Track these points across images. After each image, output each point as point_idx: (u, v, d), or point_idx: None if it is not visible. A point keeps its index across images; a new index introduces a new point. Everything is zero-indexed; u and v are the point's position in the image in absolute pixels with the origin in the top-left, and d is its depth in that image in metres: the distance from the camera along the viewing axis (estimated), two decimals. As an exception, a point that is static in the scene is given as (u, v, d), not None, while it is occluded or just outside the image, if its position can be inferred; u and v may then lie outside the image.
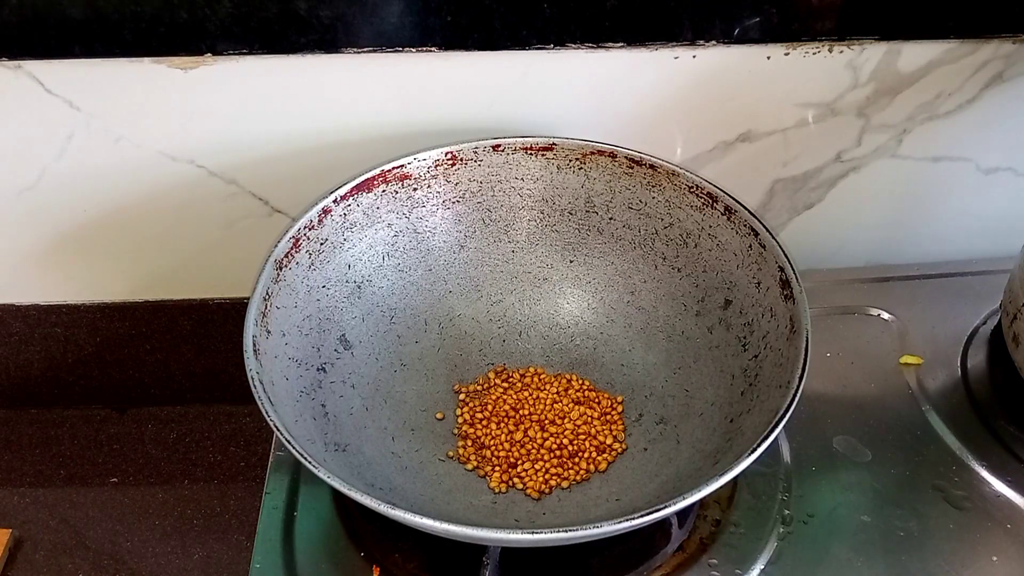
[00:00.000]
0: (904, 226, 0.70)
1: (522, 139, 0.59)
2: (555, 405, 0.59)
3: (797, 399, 0.45)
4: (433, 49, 0.57)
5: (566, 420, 0.58)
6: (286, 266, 0.53)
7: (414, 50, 0.56)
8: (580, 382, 0.60)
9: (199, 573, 0.63)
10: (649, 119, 0.62)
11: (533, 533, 0.43)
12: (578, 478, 0.55)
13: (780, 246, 0.52)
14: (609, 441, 0.57)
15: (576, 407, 0.58)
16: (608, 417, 0.58)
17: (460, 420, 0.58)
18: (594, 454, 0.56)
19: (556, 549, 0.51)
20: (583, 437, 0.57)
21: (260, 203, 0.64)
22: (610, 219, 0.60)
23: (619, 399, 0.59)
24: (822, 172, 0.65)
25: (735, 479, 0.44)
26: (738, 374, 0.53)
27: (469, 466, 0.56)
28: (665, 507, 0.42)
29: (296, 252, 0.54)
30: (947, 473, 0.57)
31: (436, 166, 0.59)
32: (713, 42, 0.57)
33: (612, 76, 0.59)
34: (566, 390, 0.60)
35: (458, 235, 0.61)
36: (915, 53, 0.59)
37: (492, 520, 0.53)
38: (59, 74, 0.57)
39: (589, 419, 0.58)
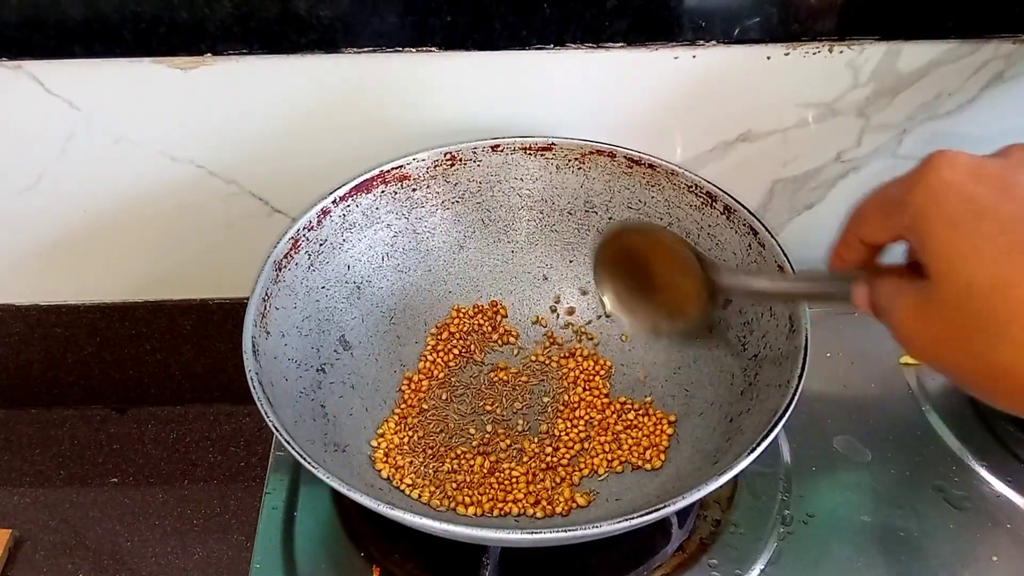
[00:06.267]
0: (904, 226, 0.70)
1: (521, 139, 0.59)
2: (555, 405, 0.59)
3: (797, 399, 0.45)
4: (433, 49, 0.56)
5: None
6: (285, 267, 0.53)
7: (414, 50, 0.56)
8: (580, 382, 0.60)
9: (199, 573, 0.63)
10: (649, 119, 0.61)
11: (533, 533, 0.43)
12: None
13: (779, 245, 0.52)
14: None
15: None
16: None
17: (460, 420, 0.58)
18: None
19: (556, 549, 0.51)
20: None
21: (260, 203, 0.64)
22: (609, 219, 0.60)
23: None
24: (822, 172, 0.65)
25: (735, 479, 0.44)
26: (738, 374, 0.53)
27: (469, 466, 0.56)
28: (665, 507, 0.42)
29: (295, 253, 0.54)
30: (947, 473, 0.57)
31: (435, 166, 0.59)
32: (713, 42, 0.57)
33: (612, 76, 0.59)
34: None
35: (458, 235, 0.61)
36: (915, 53, 0.59)
37: (492, 520, 0.53)
38: (59, 74, 0.57)
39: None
